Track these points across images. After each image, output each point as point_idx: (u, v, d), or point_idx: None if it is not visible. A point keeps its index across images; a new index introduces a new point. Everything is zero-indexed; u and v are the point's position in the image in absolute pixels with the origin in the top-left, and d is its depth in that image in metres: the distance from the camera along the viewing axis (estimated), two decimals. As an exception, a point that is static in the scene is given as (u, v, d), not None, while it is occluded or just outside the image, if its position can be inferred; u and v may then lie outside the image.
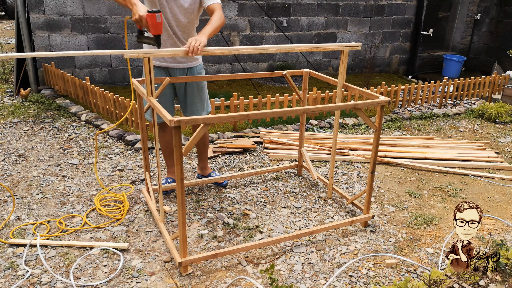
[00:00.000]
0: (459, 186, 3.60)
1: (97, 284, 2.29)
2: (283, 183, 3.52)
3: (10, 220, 2.83)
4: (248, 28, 6.59)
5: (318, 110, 2.47)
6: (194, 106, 3.09)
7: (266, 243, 2.59)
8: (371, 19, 7.43)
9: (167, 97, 3.00)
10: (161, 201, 2.67)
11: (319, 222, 2.97)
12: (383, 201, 3.30)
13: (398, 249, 2.70)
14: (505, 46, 7.64)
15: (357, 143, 4.32)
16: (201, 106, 3.12)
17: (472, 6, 8.13)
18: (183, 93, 3.05)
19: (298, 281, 2.37)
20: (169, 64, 2.92)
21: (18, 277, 2.32)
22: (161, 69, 2.93)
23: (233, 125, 4.67)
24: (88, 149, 4.00)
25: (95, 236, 2.71)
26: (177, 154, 2.10)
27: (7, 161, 3.70)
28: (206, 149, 3.39)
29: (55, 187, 3.29)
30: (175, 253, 2.40)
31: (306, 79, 3.30)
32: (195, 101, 3.09)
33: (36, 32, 5.40)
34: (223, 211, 3.05)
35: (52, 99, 5.21)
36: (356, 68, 7.67)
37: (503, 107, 5.44)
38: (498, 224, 3.03)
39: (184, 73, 2.98)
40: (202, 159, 3.43)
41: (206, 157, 3.43)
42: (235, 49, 2.66)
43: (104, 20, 5.71)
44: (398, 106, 5.66)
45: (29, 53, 2.28)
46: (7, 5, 12.75)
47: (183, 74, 2.97)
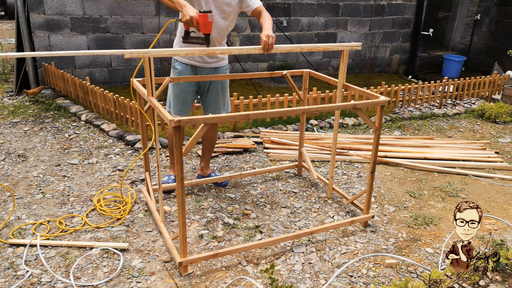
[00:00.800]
0: (459, 186, 3.60)
1: (97, 284, 2.29)
2: (283, 183, 3.52)
3: (10, 220, 2.83)
4: (248, 28, 6.59)
5: (318, 110, 2.47)
6: (216, 104, 3.18)
7: (266, 243, 2.59)
8: (371, 19, 7.43)
9: (189, 95, 3.08)
10: (161, 201, 2.67)
11: (319, 222, 2.97)
12: (383, 201, 3.30)
13: (398, 249, 2.70)
14: (505, 46, 7.64)
15: (357, 143, 4.32)
16: (223, 106, 3.22)
17: (472, 6, 8.13)
18: (207, 91, 3.14)
19: (298, 281, 2.37)
20: (197, 63, 3.00)
21: (18, 277, 2.32)
22: (188, 66, 3.01)
23: (233, 125, 4.67)
24: (88, 149, 4.00)
25: (95, 236, 2.71)
26: (177, 154, 2.10)
27: (7, 161, 3.70)
28: (212, 150, 3.43)
29: (55, 187, 3.29)
30: (175, 253, 2.40)
31: (306, 79, 3.30)
32: (218, 100, 3.17)
33: (36, 32, 5.40)
34: (223, 211, 3.05)
35: (52, 99, 5.21)
36: (356, 68, 7.67)
37: (503, 107, 5.44)
38: (498, 224, 3.03)
39: (211, 72, 3.06)
40: (205, 159, 3.45)
41: (209, 158, 3.47)
42: (235, 49, 2.66)
43: (104, 20, 5.71)
44: (398, 106, 5.66)
45: (29, 53, 2.27)
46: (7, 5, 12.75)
47: (209, 72, 3.05)
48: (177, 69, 3.02)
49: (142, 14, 5.86)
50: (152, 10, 5.89)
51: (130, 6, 5.77)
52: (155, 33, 6.01)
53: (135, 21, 5.86)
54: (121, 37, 5.87)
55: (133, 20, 5.84)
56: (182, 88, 3.03)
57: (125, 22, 5.82)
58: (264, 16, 2.83)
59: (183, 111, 3.10)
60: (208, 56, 2.96)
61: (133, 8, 5.79)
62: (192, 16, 2.45)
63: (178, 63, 3.01)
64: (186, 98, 3.07)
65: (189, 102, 3.12)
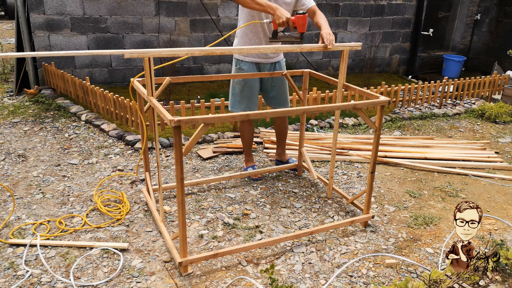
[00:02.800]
0: (459, 186, 3.60)
1: (97, 284, 2.29)
2: (283, 183, 3.52)
3: (10, 220, 2.83)
4: (248, 28, 6.59)
5: (318, 110, 2.47)
6: (282, 96, 3.37)
7: (266, 243, 2.59)
8: (371, 19, 7.43)
9: (255, 90, 3.27)
10: (161, 201, 2.67)
11: (319, 222, 2.97)
12: (383, 201, 3.30)
13: (398, 249, 2.70)
14: (505, 46, 7.64)
15: (357, 143, 4.32)
16: (285, 98, 3.40)
17: (472, 6, 8.13)
18: (271, 85, 3.32)
19: (298, 281, 2.37)
20: (260, 59, 3.20)
21: (18, 277, 2.32)
22: (252, 65, 3.19)
23: (233, 125, 4.67)
24: (88, 149, 4.00)
25: (95, 236, 2.71)
26: (177, 154, 2.10)
27: (7, 161, 3.70)
28: (285, 138, 3.69)
29: (55, 187, 3.29)
30: (175, 253, 2.40)
31: (306, 79, 3.30)
32: (283, 91, 3.37)
33: (36, 32, 5.40)
34: (223, 211, 3.05)
35: (52, 99, 5.21)
36: (356, 68, 7.67)
37: (503, 107, 5.44)
38: (498, 224, 3.03)
39: (272, 67, 3.27)
40: (280, 146, 3.72)
41: (284, 145, 3.73)
42: (235, 49, 2.66)
43: (104, 20, 5.71)
44: (398, 106, 5.66)
45: (29, 53, 2.27)
46: (7, 5, 12.75)
47: (270, 68, 3.26)
48: (243, 69, 3.20)
49: (142, 14, 5.86)
50: (152, 10, 5.89)
51: (130, 6, 5.77)
52: (155, 33, 6.01)
53: (135, 21, 5.86)
54: (121, 37, 5.87)
55: (133, 20, 5.84)
56: (249, 86, 3.22)
57: (125, 22, 5.82)
58: (319, 15, 2.99)
59: (251, 108, 3.28)
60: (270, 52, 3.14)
61: (133, 8, 5.79)
62: (288, 18, 2.67)
63: (243, 63, 3.19)
64: (253, 95, 3.26)
65: (255, 99, 3.30)
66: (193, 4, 6.06)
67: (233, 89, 3.28)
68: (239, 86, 3.23)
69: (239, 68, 3.21)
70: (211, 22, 6.22)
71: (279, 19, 2.68)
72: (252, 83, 3.22)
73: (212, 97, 5.29)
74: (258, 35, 3.09)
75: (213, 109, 4.49)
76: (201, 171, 3.69)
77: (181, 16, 6.07)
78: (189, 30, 6.19)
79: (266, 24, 3.03)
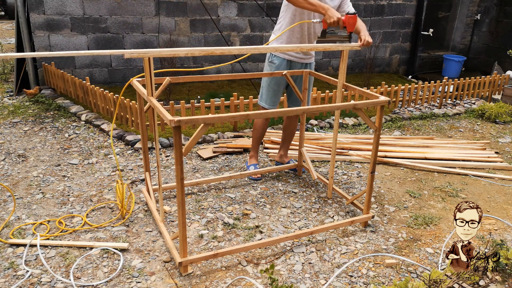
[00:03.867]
0: (459, 186, 3.60)
1: (97, 284, 2.29)
2: (283, 183, 3.52)
3: (10, 220, 2.83)
4: (248, 28, 6.59)
5: (318, 110, 2.47)
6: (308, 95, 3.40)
7: (266, 243, 2.59)
8: (371, 19, 7.43)
9: (281, 86, 3.36)
10: (161, 201, 2.67)
11: (319, 222, 2.97)
12: (383, 201, 3.30)
13: (398, 249, 2.70)
14: (505, 46, 7.64)
15: (357, 143, 4.32)
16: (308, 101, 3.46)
17: (472, 6, 8.13)
18: (299, 83, 3.38)
19: (298, 281, 2.37)
20: (294, 58, 3.28)
21: (18, 277, 2.32)
22: (284, 61, 3.28)
23: (233, 125, 4.67)
24: (88, 149, 4.00)
25: (95, 236, 2.71)
26: (177, 154, 2.10)
27: (7, 161, 3.70)
28: (291, 139, 3.74)
29: (55, 187, 3.29)
30: (175, 253, 2.40)
31: (306, 79, 3.30)
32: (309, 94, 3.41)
33: (36, 32, 5.40)
34: (223, 211, 3.05)
35: (52, 99, 5.21)
36: (356, 68, 7.67)
37: (503, 107, 5.44)
38: (498, 224, 3.03)
39: (303, 67, 3.35)
40: (284, 148, 3.75)
41: (288, 147, 3.77)
42: (235, 49, 2.66)
43: (104, 20, 5.71)
44: (398, 106, 5.66)
45: (29, 53, 2.27)
46: (7, 5, 12.75)
47: (301, 67, 3.34)
48: (274, 63, 3.28)
49: (142, 14, 5.86)
50: (152, 10, 5.89)
51: (130, 6, 5.77)
52: (155, 33, 6.01)
53: (135, 21, 5.86)
54: (121, 37, 5.87)
55: (133, 20, 5.84)
56: (277, 81, 3.31)
57: (125, 22, 5.82)
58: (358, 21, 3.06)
59: (275, 102, 3.40)
60: (303, 53, 3.25)
61: (133, 8, 5.79)
62: (339, 18, 2.76)
63: (276, 57, 3.28)
64: (279, 90, 3.36)
65: (280, 94, 3.40)
66: (193, 4, 6.06)
67: (263, 81, 3.38)
68: (268, 78, 3.33)
69: (270, 62, 3.31)
70: (211, 22, 6.22)
71: (330, 18, 2.77)
72: (280, 78, 3.29)
73: (212, 97, 5.29)
74: (303, 33, 3.18)
75: (213, 109, 4.49)
76: (201, 171, 3.69)
77: (181, 16, 6.07)
78: (189, 30, 6.19)
79: (313, 23, 3.13)
